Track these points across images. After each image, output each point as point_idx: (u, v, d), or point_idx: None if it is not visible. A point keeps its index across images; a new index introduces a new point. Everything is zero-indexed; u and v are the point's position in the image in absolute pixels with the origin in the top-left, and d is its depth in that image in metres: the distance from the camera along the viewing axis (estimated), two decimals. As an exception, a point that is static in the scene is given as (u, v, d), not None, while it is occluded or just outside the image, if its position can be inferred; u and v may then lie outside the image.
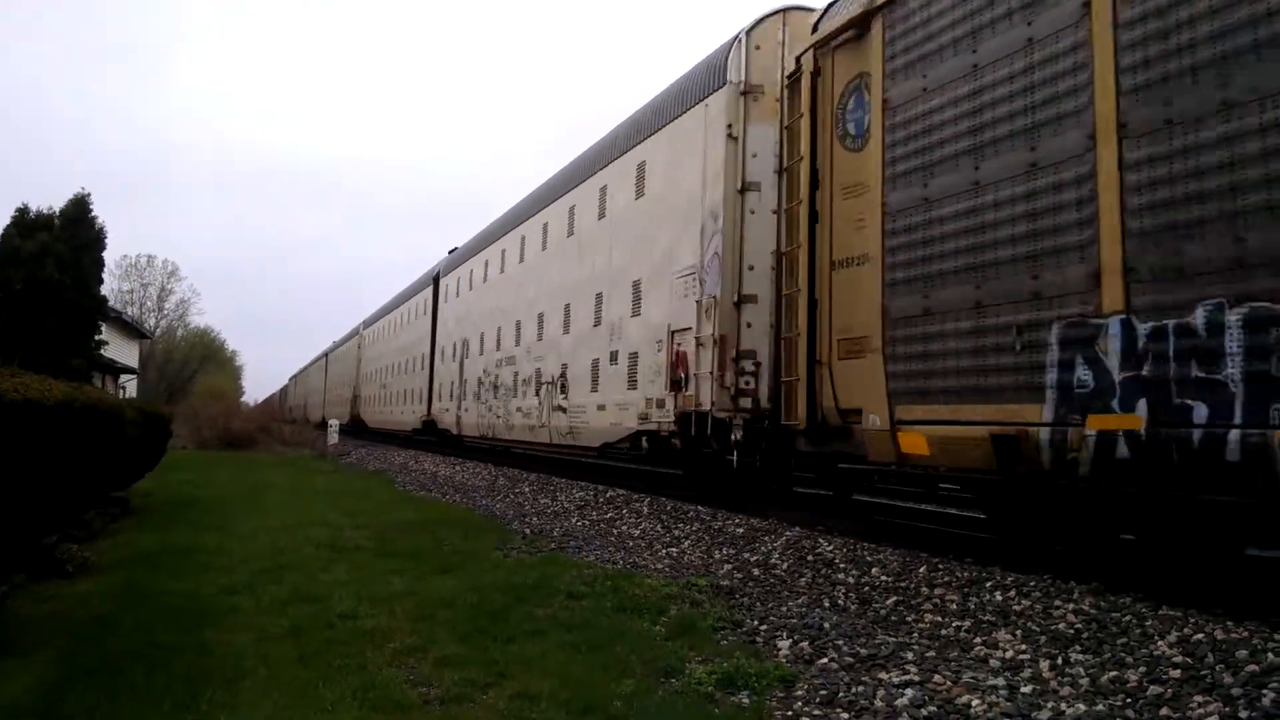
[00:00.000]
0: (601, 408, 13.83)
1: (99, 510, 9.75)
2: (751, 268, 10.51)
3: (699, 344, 10.83)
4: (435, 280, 27.78)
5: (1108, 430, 5.54)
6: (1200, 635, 4.60)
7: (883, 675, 4.42)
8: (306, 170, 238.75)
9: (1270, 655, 4.20)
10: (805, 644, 5.00)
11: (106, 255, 23.53)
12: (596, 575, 6.84)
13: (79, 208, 22.63)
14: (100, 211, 23.75)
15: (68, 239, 21.27)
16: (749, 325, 10.46)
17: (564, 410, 15.36)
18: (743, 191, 10.62)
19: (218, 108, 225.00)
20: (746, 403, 10.28)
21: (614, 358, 13.49)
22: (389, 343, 35.88)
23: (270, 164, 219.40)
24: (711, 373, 10.42)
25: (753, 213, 10.56)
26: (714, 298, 10.61)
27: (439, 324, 26.87)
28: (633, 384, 12.75)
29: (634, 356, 12.81)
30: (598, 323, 14.29)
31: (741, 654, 4.72)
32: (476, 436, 21.92)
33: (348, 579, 6.73)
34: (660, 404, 11.76)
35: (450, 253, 27.69)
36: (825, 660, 4.71)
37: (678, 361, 11.40)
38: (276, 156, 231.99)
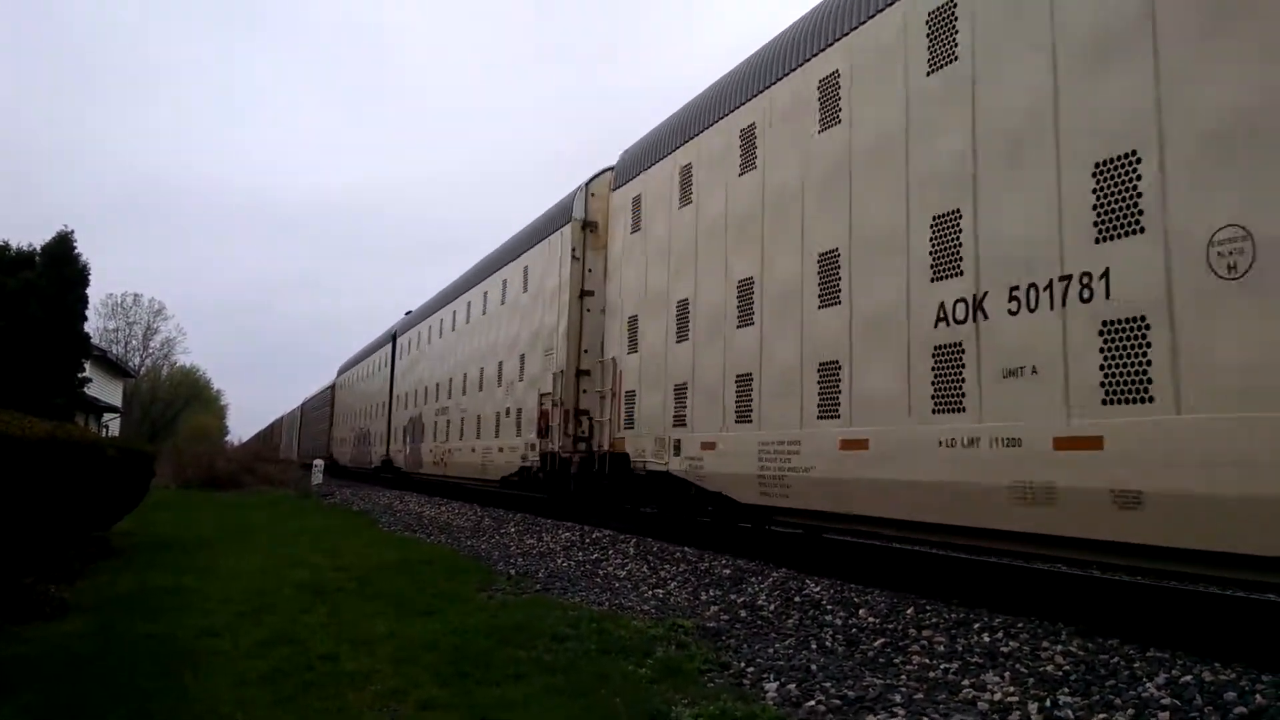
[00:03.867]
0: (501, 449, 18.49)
1: (79, 550, 9.62)
2: (586, 350, 14.65)
3: (554, 404, 14.99)
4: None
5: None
6: (1188, 677, 4.58)
7: (870, 718, 4.38)
8: (293, 209, 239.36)
9: (1259, 698, 4.18)
10: (793, 686, 4.95)
11: (91, 293, 23.50)
12: (581, 617, 6.77)
13: (62, 245, 22.61)
14: (85, 249, 23.78)
15: (51, 276, 21.22)
16: (584, 391, 14.53)
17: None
18: (582, 296, 14.80)
19: (203, 145, 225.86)
20: (583, 446, 14.17)
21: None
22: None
23: (257, 202, 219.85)
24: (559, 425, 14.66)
25: (589, 311, 14.70)
26: (562, 370, 14.86)
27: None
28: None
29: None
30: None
31: (728, 697, 4.66)
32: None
33: (329, 621, 6.64)
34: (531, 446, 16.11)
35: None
36: (813, 703, 4.67)
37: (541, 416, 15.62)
38: (263, 195, 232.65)
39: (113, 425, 43.41)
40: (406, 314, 31.74)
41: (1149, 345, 5.39)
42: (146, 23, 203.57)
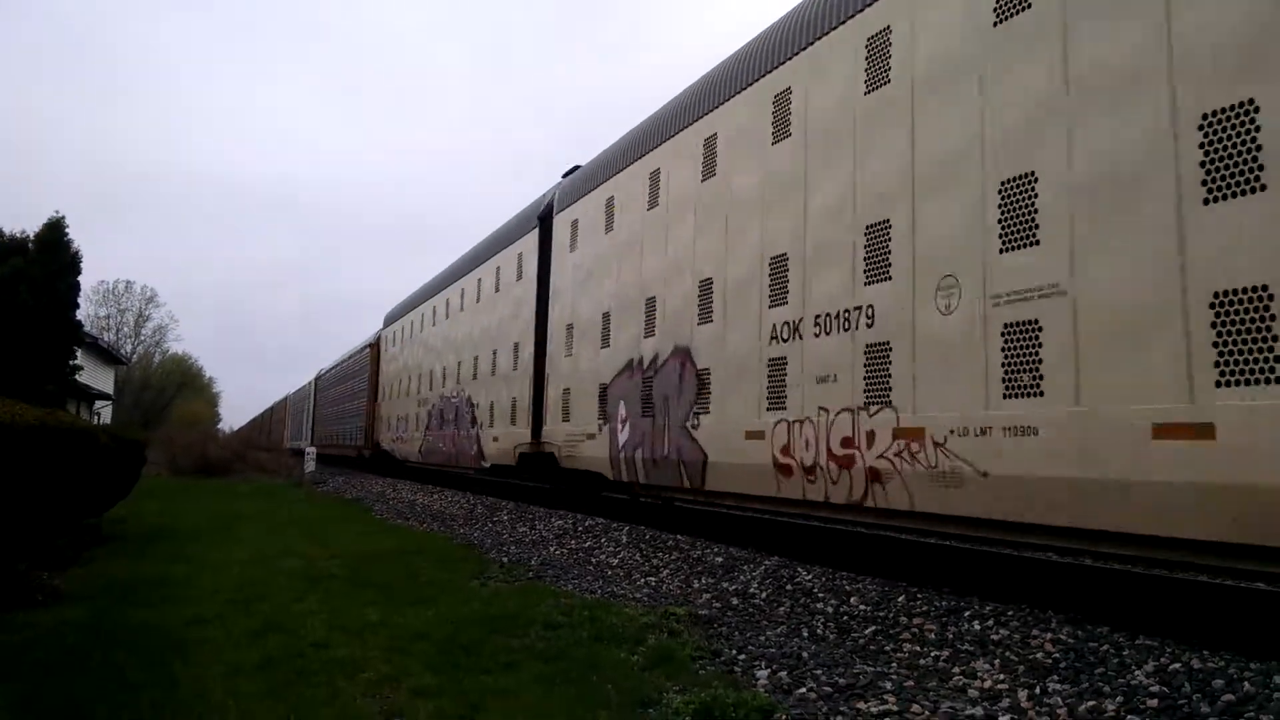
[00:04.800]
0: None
1: (70, 538, 9.60)
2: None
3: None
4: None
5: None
6: (1177, 665, 4.61)
7: (861, 705, 4.40)
8: (286, 200, 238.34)
9: (1246, 685, 4.20)
10: (784, 674, 4.96)
11: (84, 280, 23.39)
12: (574, 605, 6.78)
13: (53, 231, 22.48)
14: (78, 237, 23.65)
15: (42, 263, 21.12)
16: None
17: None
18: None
19: (197, 134, 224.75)
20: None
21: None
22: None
23: (250, 193, 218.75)
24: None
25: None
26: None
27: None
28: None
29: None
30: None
31: (720, 684, 4.67)
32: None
33: (320, 609, 6.64)
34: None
35: None
36: (804, 690, 4.68)
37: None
38: (256, 185, 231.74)
39: (104, 413, 43.30)
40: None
41: None
42: (139, 14, 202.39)
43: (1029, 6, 6.52)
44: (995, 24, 6.77)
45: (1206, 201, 5.14)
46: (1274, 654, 4.65)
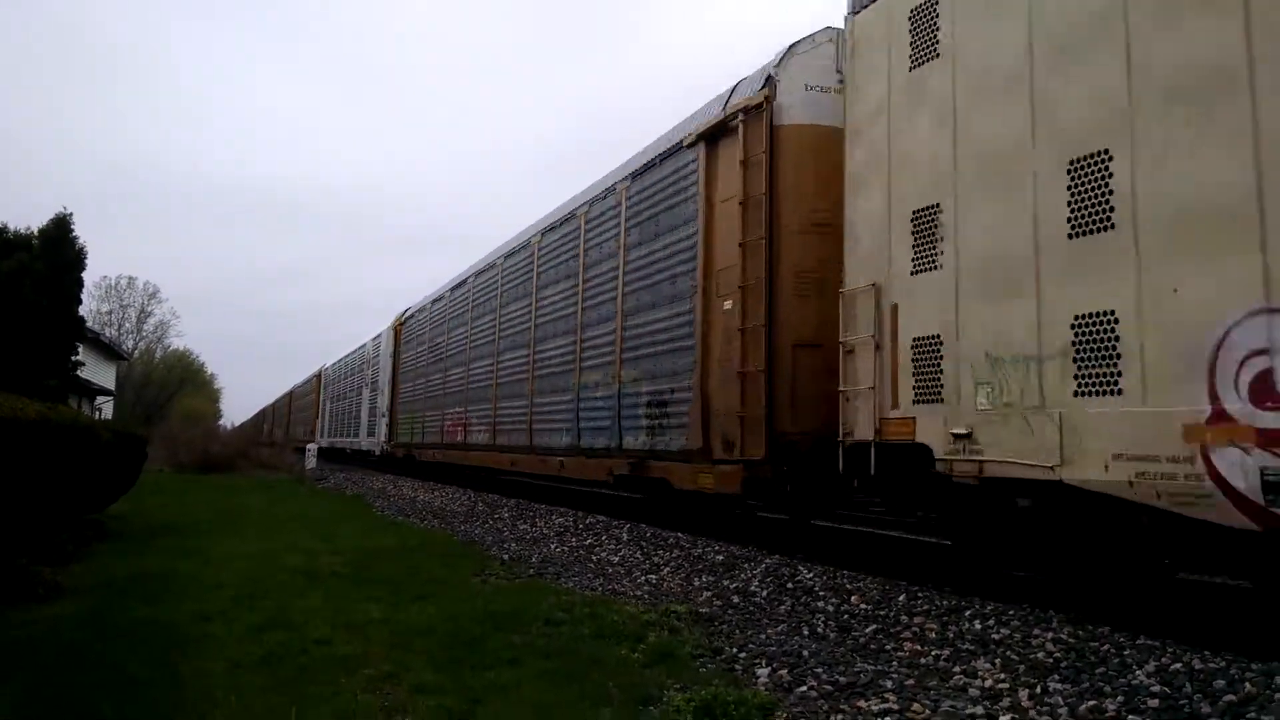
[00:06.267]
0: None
1: (72, 533, 9.62)
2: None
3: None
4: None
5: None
6: (1178, 665, 4.61)
7: (861, 704, 4.40)
8: (289, 198, 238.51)
9: (1248, 685, 4.21)
10: (784, 672, 4.96)
11: (86, 276, 23.43)
12: (575, 602, 6.78)
13: (60, 227, 22.54)
14: (82, 232, 23.66)
15: (47, 259, 21.16)
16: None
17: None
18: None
19: (202, 130, 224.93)
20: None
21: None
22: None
23: (254, 188, 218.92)
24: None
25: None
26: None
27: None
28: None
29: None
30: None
31: (720, 682, 4.68)
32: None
33: (323, 606, 6.65)
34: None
35: None
36: (804, 688, 4.68)
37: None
38: (262, 180, 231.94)
39: (106, 408, 43.36)
40: None
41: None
42: (146, 11, 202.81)
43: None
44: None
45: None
46: (1276, 654, 4.65)
